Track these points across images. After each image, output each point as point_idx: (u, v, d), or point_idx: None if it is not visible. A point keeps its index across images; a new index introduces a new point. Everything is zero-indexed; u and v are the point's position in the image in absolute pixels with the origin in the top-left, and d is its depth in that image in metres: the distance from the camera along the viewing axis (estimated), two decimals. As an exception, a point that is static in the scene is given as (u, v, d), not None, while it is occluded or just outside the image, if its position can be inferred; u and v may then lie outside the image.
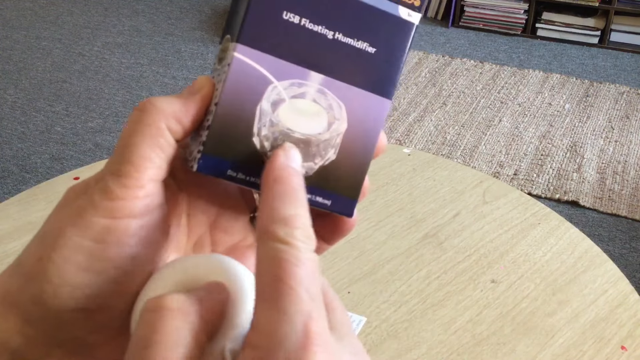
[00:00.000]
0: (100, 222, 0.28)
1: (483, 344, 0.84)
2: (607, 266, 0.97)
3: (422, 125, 2.74)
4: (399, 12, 0.32)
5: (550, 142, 2.64)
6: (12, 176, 2.36)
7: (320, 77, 0.31)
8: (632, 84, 3.21)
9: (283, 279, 0.25)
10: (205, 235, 0.33)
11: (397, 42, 0.32)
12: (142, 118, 0.29)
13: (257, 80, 0.30)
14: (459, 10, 3.83)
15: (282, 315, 0.24)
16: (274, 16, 0.30)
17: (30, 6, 3.91)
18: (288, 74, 0.31)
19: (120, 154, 0.29)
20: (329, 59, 0.31)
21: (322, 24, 0.31)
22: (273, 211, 0.27)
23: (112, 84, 3.03)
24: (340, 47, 0.31)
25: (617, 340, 0.85)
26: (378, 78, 0.32)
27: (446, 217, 1.07)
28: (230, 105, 0.30)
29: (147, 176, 0.29)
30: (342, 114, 0.32)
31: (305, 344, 0.24)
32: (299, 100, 0.31)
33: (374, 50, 0.32)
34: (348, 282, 0.94)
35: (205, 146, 0.30)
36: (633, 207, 2.28)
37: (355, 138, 0.32)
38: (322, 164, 0.32)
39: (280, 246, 0.26)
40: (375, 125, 0.32)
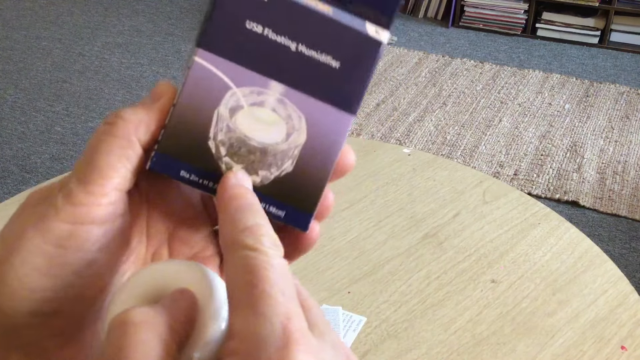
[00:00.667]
0: (62, 226, 0.28)
1: (483, 344, 0.84)
2: (607, 266, 0.97)
3: (422, 125, 2.74)
4: (367, 29, 0.32)
5: (550, 142, 2.64)
6: (12, 176, 2.36)
7: (281, 87, 0.31)
8: (632, 84, 3.21)
9: (256, 284, 0.25)
10: (164, 245, 0.33)
11: (363, 59, 0.32)
12: (111, 130, 0.29)
13: (216, 85, 0.30)
14: (459, 10, 3.83)
15: (259, 319, 0.25)
16: (237, 24, 0.30)
17: (30, 6, 3.91)
18: (248, 82, 0.31)
19: (86, 161, 0.29)
20: (291, 70, 0.31)
21: (285, 35, 0.31)
22: (236, 222, 0.27)
23: (112, 84, 3.03)
24: (303, 59, 0.31)
25: (617, 340, 0.85)
26: (341, 93, 0.32)
27: (446, 217, 1.07)
28: (187, 107, 0.30)
29: (112, 184, 0.29)
30: (302, 125, 0.32)
31: (287, 343, 0.24)
32: (257, 108, 0.31)
33: (338, 65, 0.31)
34: (348, 282, 0.94)
35: (159, 145, 0.30)
36: (633, 207, 2.28)
37: (314, 151, 0.32)
38: (278, 174, 0.32)
39: (249, 253, 0.26)
40: (336, 139, 0.32)
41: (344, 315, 0.88)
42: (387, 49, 3.47)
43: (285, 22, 0.31)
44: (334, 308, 0.90)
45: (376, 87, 3.05)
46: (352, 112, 0.32)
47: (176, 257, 0.33)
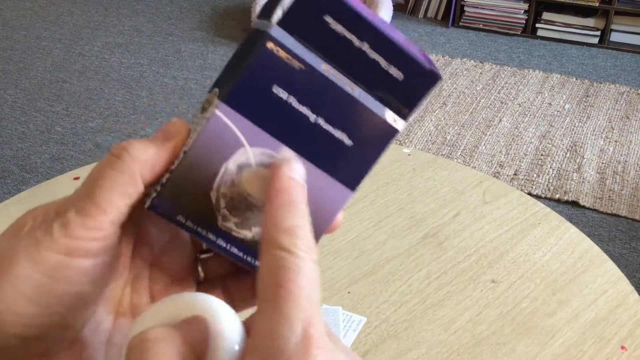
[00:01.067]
0: (55, 257, 0.28)
1: (483, 344, 0.84)
2: (607, 266, 0.97)
3: (422, 125, 2.74)
4: (386, 115, 0.33)
5: (550, 142, 2.64)
6: (12, 176, 2.36)
7: (292, 153, 0.32)
8: (632, 84, 3.21)
9: (284, 285, 0.26)
10: (145, 270, 0.34)
11: (376, 142, 0.33)
12: (116, 165, 0.30)
13: (230, 141, 0.31)
14: (459, 11, 3.83)
15: (283, 319, 0.25)
16: (264, 87, 0.31)
17: (30, 6, 3.91)
18: (261, 143, 0.31)
19: (87, 193, 0.29)
20: (304, 139, 0.32)
21: (307, 106, 0.31)
22: (277, 221, 0.27)
23: (112, 84, 3.03)
24: (319, 131, 0.32)
25: (617, 340, 0.85)
26: (347, 169, 0.33)
27: (446, 217, 1.07)
28: (198, 156, 0.31)
29: (109, 219, 0.29)
30: None
31: (307, 347, 0.24)
32: (264, 169, 0.32)
33: (351, 143, 0.32)
34: (348, 282, 0.94)
35: (163, 188, 0.31)
36: (633, 207, 2.28)
37: (310, 218, 0.33)
38: None
39: (284, 254, 0.26)
40: (332, 210, 0.33)
41: (344, 315, 0.88)
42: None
43: (311, 94, 0.31)
44: (334, 308, 0.90)
45: (376, 87, 3.05)
46: (352, 189, 0.33)
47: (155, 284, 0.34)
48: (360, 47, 0.31)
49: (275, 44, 0.30)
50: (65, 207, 0.29)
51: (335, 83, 0.31)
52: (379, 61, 0.32)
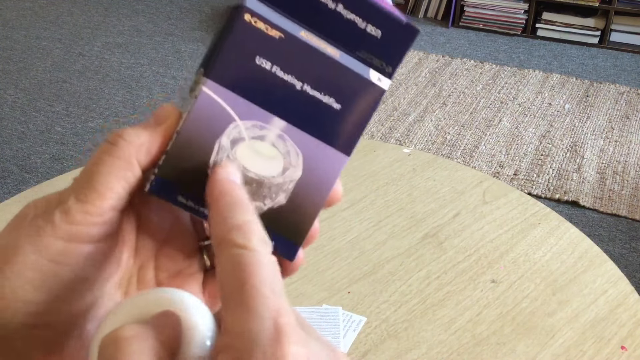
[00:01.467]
0: (58, 243, 0.29)
1: (483, 344, 0.84)
2: (607, 266, 0.97)
3: (422, 125, 2.74)
4: (370, 75, 0.33)
5: (550, 142, 2.64)
6: (12, 176, 2.36)
7: (283, 123, 0.32)
8: (632, 84, 3.21)
9: (247, 280, 0.26)
10: (150, 260, 0.34)
11: (364, 103, 0.33)
12: (112, 151, 0.30)
13: (220, 116, 0.31)
14: (459, 10, 3.83)
15: (251, 315, 0.25)
16: (247, 59, 0.31)
17: (30, 6, 3.91)
18: (251, 115, 0.31)
19: (86, 180, 0.30)
20: (294, 108, 0.32)
21: (292, 74, 0.32)
22: (226, 220, 0.28)
23: (112, 84, 3.03)
24: (306, 98, 0.32)
25: (617, 340, 0.85)
26: (339, 134, 0.33)
27: (446, 217, 1.07)
28: (190, 135, 0.31)
29: (109, 205, 0.29)
30: (299, 161, 0.33)
31: (278, 337, 0.25)
32: (258, 141, 0.32)
33: (340, 107, 0.32)
34: (348, 282, 0.94)
35: (159, 169, 0.31)
36: (633, 207, 2.28)
37: (308, 187, 0.33)
38: (271, 206, 0.33)
39: (240, 251, 0.27)
40: (329, 178, 0.33)
41: (344, 315, 0.88)
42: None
43: (294, 61, 0.31)
44: (334, 308, 0.90)
45: (376, 87, 3.05)
46: (347, 154, 0.33)
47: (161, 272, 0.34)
48: (334, 9, 0.32)
49: (252, 15, 0.30)
50: (65, 195, 0.30)
51: (316, 48, 0.32)
52: (355, 21, 0.32)
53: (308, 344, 0.26)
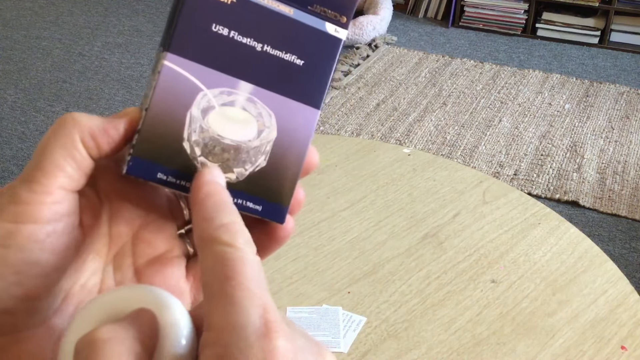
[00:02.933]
0: (4, 225, 0.28)
1: (483, 344, 0.84)
2: (607, 266, 0.97)
3: (422, 125, 2.74)
4: (326, 28, 0.33)
5: (550, 142, 2.64)
6: (12, 176, 2.36)
7: (250, 86, 0.32)
8: (632, 84, 3.21)
9: (233, 276, 0.26)
10: (127, 246, 0.33)
11: (324, 56, 0.34)
12: (59, 128, 0.30)
13: (186, 88, 0.31)
14: (459, 11, 3.83)
15: (237, 309, 0.25)
16: (204, 28, 0.31)
17: (30, 6, 3.91)
18: (218, 83, 0.32)
19: (33, 161, 0.29)
20: (258, 70, 0.32)
21: (250, 37, 0.32)
22: (212, 220, 0.28)
23: (112, 84, 3.03)
24: (269, 58, 0.33)
25: (617, 340, 0.85)
26: (306, 89, 0.33)
27: (446, 217, 1.07)
28: (159, 110, 0.31)
29: (57, 184, 0.29)
30: (272, 122, 0.33)
31: (267, 332, 0.25)
32: (228, 107, 0.32)
33: (302, 63, 0.33)
34: (348, 282, 0.94)
35: (134, 149, 0.31)
36: (633, 207, 2.28)
37: (286, 146, 0.33)
38: (252, 170, 0.33)
39: (225, 249, 0.27)
40: (305, 133, 0.34)
41: (344, 315, 0.88)
42: (387, 48, 3.47)
43: (250, 24, 0.32)
44: (334, 308, 0.90)
45: (376, 87, 3.05)
46: (317, 107, 0.34)
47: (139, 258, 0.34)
48: None
49: None
50: (14, 180, 0.29)
51: (269, 8, 0.32)
52: None
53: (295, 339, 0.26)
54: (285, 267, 0.96)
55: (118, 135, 0.31)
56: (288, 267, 0.96)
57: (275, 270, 0.95)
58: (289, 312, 0.89)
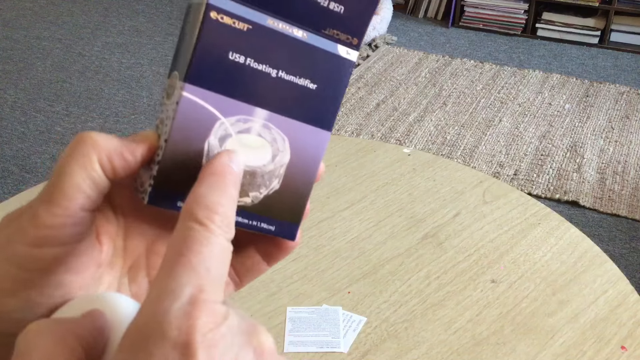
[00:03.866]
0: (26, 250, 0.28)
1: (483, 344, 0.84)
2: (607, 266, 0.97)
3: (422, 125, 2.74)
4: (338, 50, 0.34)
5: (550, 142, 2.64)
6: (12, 176, 2.36)
7: (265, 112, 0.33)
8: (632, 84, 3.21)
9: (185, 253, 0.25)
10: (142, 258, 0.34)
11: (337, 78, 0.34)
12: (77, 148, 0.29)
13: (205, 117, 0.32)
14: (459, 11, 3.83)
15: (172, 283, 0.25)
16: (221, 57, 0.31)
17: (30, 6, 3.91)
18: (234, 111, 0.32)
19: (52, 181, 0.29)
20: (272, 96, 0.33)
21: (266, 63, 0.32)
22: (199, 197, 0.27)
23: (112, 84, 3.03)
24: (283, 84, 0.33)
25: (617, 340, 0.85)
26: (319, 112, 0.34)
27: (446, 217, 1.07)
28: (179, 141, 0.31)
29: (77, 205, 0.29)
30: (286, 146, 0.34)
31: (191, 311, 0.24)
32: (244, 135, 0.33)
33: (315, 87, 0.34)
34: (348, 282, 0.94)
35: (155, 180, 0.31)
36: (633, 207, 2.27)
37: (298, 167, 0.34)
38: (267, 193, 0.34)
39: (194, 225, 0.26)
40: (316, 154, 0.35)
41: (344, 315, 0.88)
42: (387, 49, 3.47)
43: (265, 50, 0.32)
44: (334, 308, 0.90)
45: (376, 87, 3.05)
46: (328, 129, 0.35)
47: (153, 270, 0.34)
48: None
49: (218, 11, 0.31)
50: (34, 201, 0.29)
51: (284, 34, 0.32)
52: (318, 0, 0.33)
53: (221, 322, 0.25)
54: (285, 267, 0.96)
55: (135, 162, 0.31)
56: (288, 267, 0.96)
57: (275, 270, 0.95)
58: (289, 312, 0.89)
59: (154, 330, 0.24)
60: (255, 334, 0.26)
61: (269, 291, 0.92)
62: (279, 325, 0.87)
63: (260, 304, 0.90)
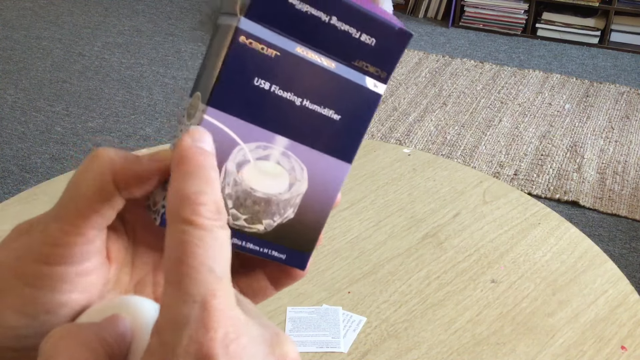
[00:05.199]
0: (36, 267, 0.28)
1: (483, 344, 0.84)
2: (607, 266, 0.97)
3: (422, 125, 2.74)
4: (366, 83, 0.33)
5: (550, 142, 2.64)
6: (12, 176, 2.36)
7: (286, 140, 0.32)
8: (632, 84, 3.21)
9: (185, 260, 0.25)
10: (149, 275, 0.33)
11: (362, 111, 0.33)
12: (92, 164, 0.29)
13: (224, 142, 0.31)
14: (459, 11, 3.83)
15: (183, 296, 0.24)
16: (246, 82, 0.31)
17: (30, 6, 3.91)
18: (255, 137, 0.31)
19: (65, 198, 0.29)
20: (295, 124, 0.32)
21: (291, 91, 0.32)
22: (177, 192, 0.26)
23: (112, 84, 3.03)
24: (307, 113, 0.32)
25: (617, 340, 0.85)
26: (341, 144, 0.33)
27: (446, 217, 1.07)
28: None
29: (90, 224, 0.28)
30: (304, 175, 0.33)
31: (206, 321, 0.24)
32: (263, 162, 0.32)
33: (339, 118, 0.33)
34: (348, 282, 0.94)
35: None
36: (633, 207, 2.27)
37: (314, 198, 0.33)
38: (280, 221, 0.33)
39: (183, 227, 0.25)
40: (334, 186, 0.34)
41: (344, 315, 0.88)
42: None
43: (292, 78, 0.31)
44: (334, 308, 0.90)
45: (376, 87, 3.05)
46: (349, 162, 0.34)
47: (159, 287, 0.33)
48: (328, 22, 0.32)
49: (247, 36, 0.30)
50: (46, 216, 0.29)
51: (312, 62, 0.32)
52: (350, 31, 0.32)
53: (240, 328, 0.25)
54: (285, 267, 0.96)
55: (150, 185, 0.30)
56: (288, 267, 0.96)
57: (275, 270, 0.95)
58: (289, 312, 0.89)
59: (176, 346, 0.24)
60: (279, 344, 0.26)
61: (269, 291, 0.92)
62: (279, 326, 0.87)
63: (260, 304, 0.90)
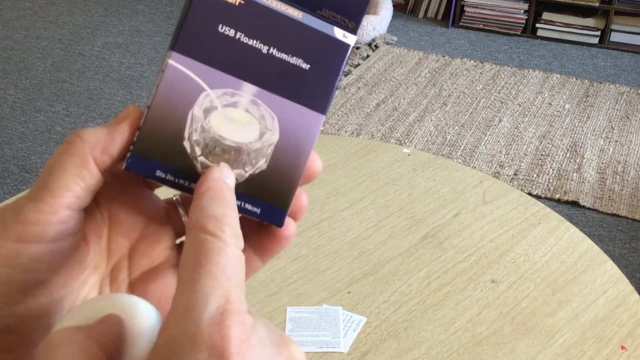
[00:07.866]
0: (9, 245, 0.28)
1: (483, 344, 0.84)
2: (607, 266, 0.97)
3: (422, 125, 2.74)
4: (335, 33, 0.33)
5: (550, 142, 2.64)
6: (12, 176, 2.36)
7: (254, 88, 0.32)
8: (632, 84, 3.21)
9: (204, 264, 0.25)
10: (124, 258, 0.33)
11: (332, 61, 0.33)
12: (67, 149, 0.29)
13: (190, 87, 0.31)
14: (459, 11, 3.83)
15: (197, 295, 0.25)
16: (210, 28, 0.31)
17: (30, 6, 3.91)
18: (221, 84, 0.32)
19: (41, 180, 0.29)
20: (263, 72, 0.32)
21: (257, 39, 0.32)
22: (204, 210, 0.27)
23: (112, 84, 3.03)
24: (274, 61, 0.32)
25: (617, 340, 0.85)
26: (312, 93, 0.33)
27: (446, 217, 1.07)
28: (161, 108, 0.31)
29: (64, 203, 0.29)
30: (274, 125, 0.33)
31: (221, 321, 0.24)
32: (231, 109, 0.32)
33: (308, 67, 0.33)
34: (348, 282, 0.94)
35: (134, 146, 0.31)
36: (633, 207, 2.27)
37: (287, 149, 0.33)
38: (252, 172, 0.33)
39: (207, 237, 0.26)
40: (307, 138, 0.33)
41: (344, 315, 0.88)
42: (387, 49, 3.47)
43: (257, 26, 0.32)
44: (334, 308, 0.90)
45: (376, 87, 3.05)
46: (322, 112, 0.33)
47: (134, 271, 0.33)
48: None
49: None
50: (21, 198, 0.29)
51: (277, 11, 0.32)
52: None
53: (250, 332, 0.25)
54: (285, 267, 0.96)
55: (126, 140, 0.31)
56: (288, 267, 0.96)
57: (275, 270, 0.95)
58: (289, 312, 0.89)
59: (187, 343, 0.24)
60: (286, 346, 0.27)
61: (269, 291, 0.92)
62: (279, 325, 0.87)
63: (260, 304, 0.90)
